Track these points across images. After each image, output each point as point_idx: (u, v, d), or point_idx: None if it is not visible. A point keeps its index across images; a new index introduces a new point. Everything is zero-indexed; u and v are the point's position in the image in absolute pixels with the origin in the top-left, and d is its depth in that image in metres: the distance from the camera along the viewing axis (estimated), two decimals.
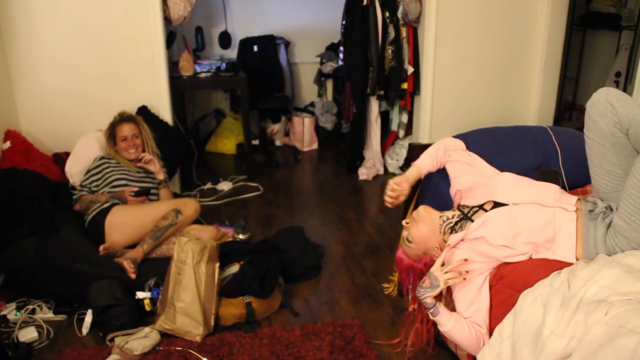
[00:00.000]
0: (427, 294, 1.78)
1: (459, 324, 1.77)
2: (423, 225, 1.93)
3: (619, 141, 1.68)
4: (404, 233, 1.98)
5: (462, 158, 2.16)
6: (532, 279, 1.66)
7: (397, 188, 2.10)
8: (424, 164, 2.19)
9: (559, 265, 1.70)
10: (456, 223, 1.92)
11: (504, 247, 1.79)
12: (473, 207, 1.94)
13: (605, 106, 1.66)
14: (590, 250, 1.72)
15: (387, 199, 2.12)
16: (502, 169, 2.13)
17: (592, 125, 1.72)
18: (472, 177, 2.06)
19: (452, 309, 1.90)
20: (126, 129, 2.96)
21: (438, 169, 2.23)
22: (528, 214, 1.80)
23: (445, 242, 1.93)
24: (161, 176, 2.98)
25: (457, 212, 1.95)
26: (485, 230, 1.81)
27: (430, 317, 1.82)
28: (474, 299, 1.80)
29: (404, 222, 1.98)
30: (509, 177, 1.98)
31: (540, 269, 1.71)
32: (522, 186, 1.91)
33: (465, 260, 1.80)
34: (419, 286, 1.81)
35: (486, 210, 1.89)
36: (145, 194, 2.83)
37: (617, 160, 1.71)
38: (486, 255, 1.82)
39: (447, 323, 1.78)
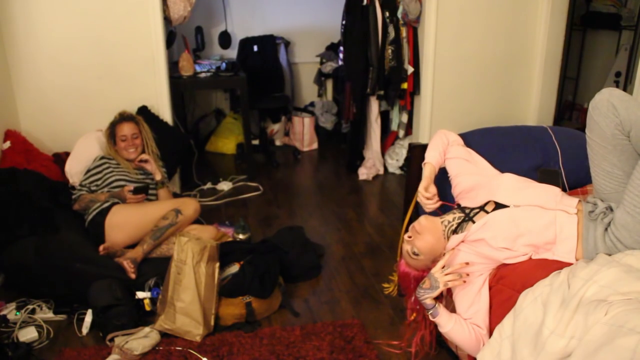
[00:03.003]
0: (426, 295, 1.79)
1: (458, 325, 1.77)
2: (429, 236, 1.89)
3: (620, 143, 1.67)
4: (407, 247, 1.93)
5: (461, 154, 2.14)
6: (532, 279, 1.66)
7: (429, 194, 2.05)
8: (436, 161, 2.14)
9: (559, 265, 1.70)
10: (458, 225, 1.92)
11: (504, 249, 1.79)
12: (474, 208, 1.93)
13: (607, 107, 1.65)
14: (589, 250, 1.72)
15: (428, 206, 2.05)
16: (502, 168, 2.13)
17: (593, 126, 1.71)
18: (473, 176, 2.05)
19: (453, 309, 1.90)
20: (126, 129, 2.96)
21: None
22: (529, 216, 1.80)
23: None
24: (158, 176, 2.97)
25: (458, 215, 1.94)
26: (485, 232, 1.81)
27: (430, 318, 1.83)
28: (474, 300, 1.80)
29: (405, 237, 1.93)
30: (511, 178, 1.98)
31: (540, 269, 1.71)
32: (523, 188, 1.90)
33: (467, 263, 1.80)
34: (419, 287, 1.82)
35: (487, 212, 1.88)
36: (143, 191, 2.82)
37: (617, 161, 1.70)
38: (486, 256, 1.82)
39: (447, 324, 1.78)
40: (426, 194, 2.04)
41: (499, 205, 1.88)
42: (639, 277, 1.46)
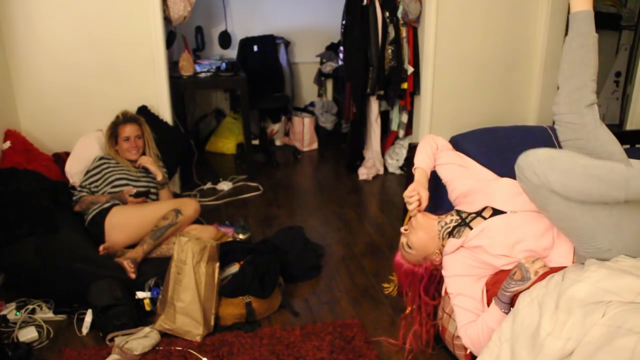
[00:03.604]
0: (516, 288, 1.68)
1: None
2: (422, 232, 1.93)
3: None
4: (403, 239, 1.97)
5: (453, 159, 2.12)
6: None
7: (412, 199, 1.98)
8: (426, 165, 2.11)
9: (556, 268, 1.70)
10: (454, 228, 1.92)
11: (502, 257, 1.79)
12: (471, 213, 1.93)
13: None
14: (581, 260, 1.71)
15: (410, 207, 1.99)
16: (502, 169, 2.12)
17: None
18: (468, 180, 2.04)
19: (451, 309, 1.91)
20: (129, 130, 2.96)
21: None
22: (526, 222, 1.79)
23: (445, 247, 1.93)
24: (160, 177, 2.97)
25: (455, 217, 1.94)
26: (483, 239, 1.81)
27: (504, 312, 1.72)
28: (478, 306, 1.81)
29: (402, 229, 1.97)
30: (508, 183, 1.95)
31: None
32: (520, 193, 1.89)
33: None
34: (510, 278, 1.70)
35: (484, 218, 1.88)
36: (144, 195, 2.83)
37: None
38: (485, 262, 1.83)
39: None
40: (408, 192, 1.97)
41: (496, 212, 1.88)
42: (628, 273, 1.46)
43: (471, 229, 1.87)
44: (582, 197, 1.52)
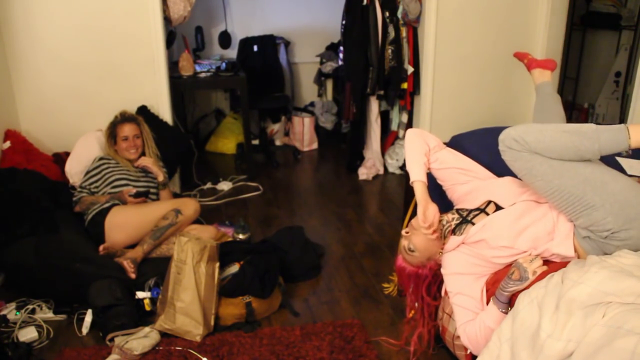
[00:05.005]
0: (514, 288, 1.69)
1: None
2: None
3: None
4: (404, 242, 1.94)
5: (451, 163, 2.06)
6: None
7: (428, 222, 1.87)
8: (424, 175, 1.99)
9: (555, 267, 1.70)
10: (456, 226, 1.92)
11: (504, 248, 1.78)
12: (473, 210, 1.93)
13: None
14: (581, 234, 1.71)
15: (428, 236, 1.89)
16: (502, 169, 2.12)
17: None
18: (470, 184, 2.04)
19: (450, 310, 1.91)
20: (127, 129, 2.96)
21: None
22: (526, 209, 1.81)
23: (446, 244, 1.93)
24: (161, 177, 2.97)
25: (457, 216, 1.94)
26: (485, 233, 1.81)
27: (502, 312, 1.72)
28: (477, 305, 1.81)
29: (403, 232, 1.94)
30: (510, 181, 1.96)
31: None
32: (522, 193, 1.89)
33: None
34: (508, 278, 1.71)
35: (487, 214, 1.88)
36: (144, 195, 2.83)
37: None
38: (485, 259, 1.82)
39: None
40: (424, 223, 1.86)
41: (498, 208, 1.88)
42: (629, 274, 1.46)
43: (473, 224, 1.87)
44: (560, 151, 1.63)
